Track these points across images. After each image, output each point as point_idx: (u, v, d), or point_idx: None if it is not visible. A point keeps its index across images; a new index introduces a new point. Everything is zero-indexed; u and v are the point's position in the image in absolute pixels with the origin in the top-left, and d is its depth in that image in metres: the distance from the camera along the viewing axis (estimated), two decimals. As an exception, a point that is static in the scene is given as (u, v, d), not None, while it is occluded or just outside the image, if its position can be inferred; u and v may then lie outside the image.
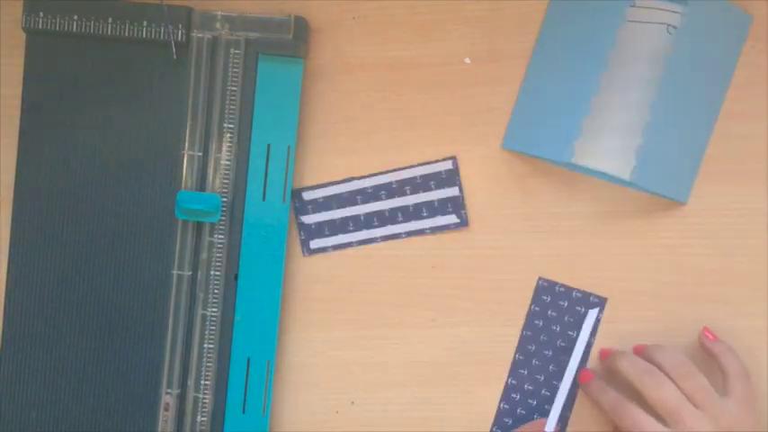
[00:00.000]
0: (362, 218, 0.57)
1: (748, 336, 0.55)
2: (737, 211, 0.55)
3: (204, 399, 0.55)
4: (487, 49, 0.56)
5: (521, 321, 0.56)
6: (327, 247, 0.57)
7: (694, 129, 0.55)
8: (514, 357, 0.56)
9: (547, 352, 0.55)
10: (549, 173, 0.56)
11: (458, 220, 0.56)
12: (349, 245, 0.57)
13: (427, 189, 0.56)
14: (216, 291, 0.55)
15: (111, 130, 0.56)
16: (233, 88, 0.55)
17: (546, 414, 0.55)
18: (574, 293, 0.55)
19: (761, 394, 0.55)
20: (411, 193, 0.56)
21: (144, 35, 0.55)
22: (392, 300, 0.57)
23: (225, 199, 0.55)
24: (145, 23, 0.55)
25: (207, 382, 0.55)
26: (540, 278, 0.56)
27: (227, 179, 0.55)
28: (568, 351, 0.55)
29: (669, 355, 0.52)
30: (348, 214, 0.57)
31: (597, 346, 0.56)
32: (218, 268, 0.55)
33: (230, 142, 0.55)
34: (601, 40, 0.53)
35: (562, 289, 0.55)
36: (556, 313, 0.55)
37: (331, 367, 0.57)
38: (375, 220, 0.57)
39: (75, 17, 0.55)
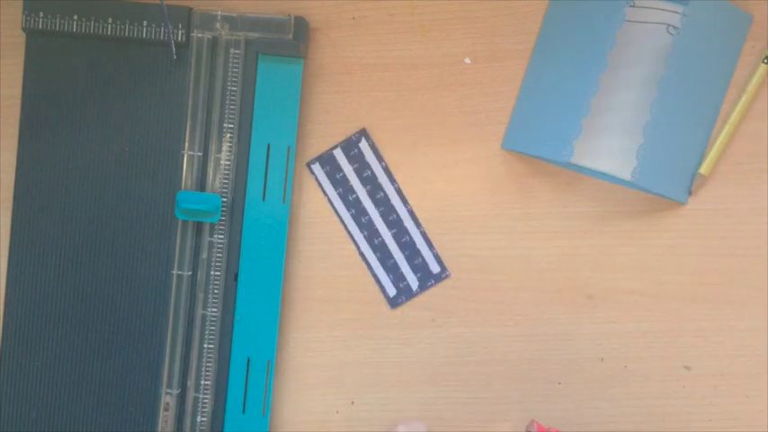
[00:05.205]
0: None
1: (748, 336, 0.55)
2: (737, 211, 0.55)
3: (204, 399, 0.55)
4: (487, 49, 0.56)
5: (521, 321, 0.56)
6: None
7: (695, 129, 0.55)
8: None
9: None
10: (549, 173, 0.56)
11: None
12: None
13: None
14: (216, 291, 0.55)
15: (110, 130, 0.56)
16: (233, 88, 0.55)
17: None
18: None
19: (761, 394, 0.55)
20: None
21: (144, 35, 0.55)
22: (392, 300, 0.57)
23: (225, 199, 0.55)
24: (145, 23, 0.55)
25: (207, 382, 0.55)
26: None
27: (227, 179, 0.55)
28: None
29: None
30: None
31: (598, 348, 0.56)
32: (218, 268, 0.55)
33: (230, 142, 0.55)
34: (600, 40, 0.53)
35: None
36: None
37: (331, 367, 0.57)
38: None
39: (75, 17, 0.55)
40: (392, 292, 0.56)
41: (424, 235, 0.56)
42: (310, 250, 0.57)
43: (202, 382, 0.55)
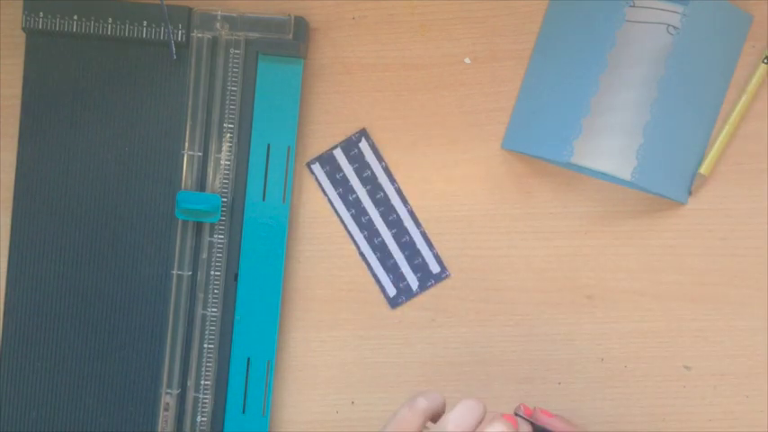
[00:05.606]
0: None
1: (748, 336, 0.55)
2: (737, 211, 0.55)
3: (204, 399, 0.55)
4: (487, 49, 0.56)
5: (521, 321, 0.56)
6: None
7: (695, 129, 0.55)
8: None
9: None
10: (549, 173, 0.56)
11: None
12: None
13: (427, 189, 0.56)
14: (216, 291, 0.55)
15: (110, 131, 0.56)
16: (233, 88, 0.55)
17: None
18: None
19: (761, 394, 0.55)
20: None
21: (144, 35, 0.55)
22: (392, 300, 0.57)
23: (225, 199, 0.55)
24: (145, 23, 0.55)
25: (207, 382, 0.55)
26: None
27: (227, 179, 0.55)
28: None
29: None
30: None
31: (598, 348, 0.56)
32: (218, 268, 0.55)
33: (230, 142, 0.55)
34: (600, 40, 0.53)
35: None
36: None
37: (331, 367, 0.57)
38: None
39: (75, 17, 0.55)
40: (392, 292, 0.56)
41: (424, 235, 0.56)
42: (310, 250, 0.57)
43: (202, 382, 0.55)
